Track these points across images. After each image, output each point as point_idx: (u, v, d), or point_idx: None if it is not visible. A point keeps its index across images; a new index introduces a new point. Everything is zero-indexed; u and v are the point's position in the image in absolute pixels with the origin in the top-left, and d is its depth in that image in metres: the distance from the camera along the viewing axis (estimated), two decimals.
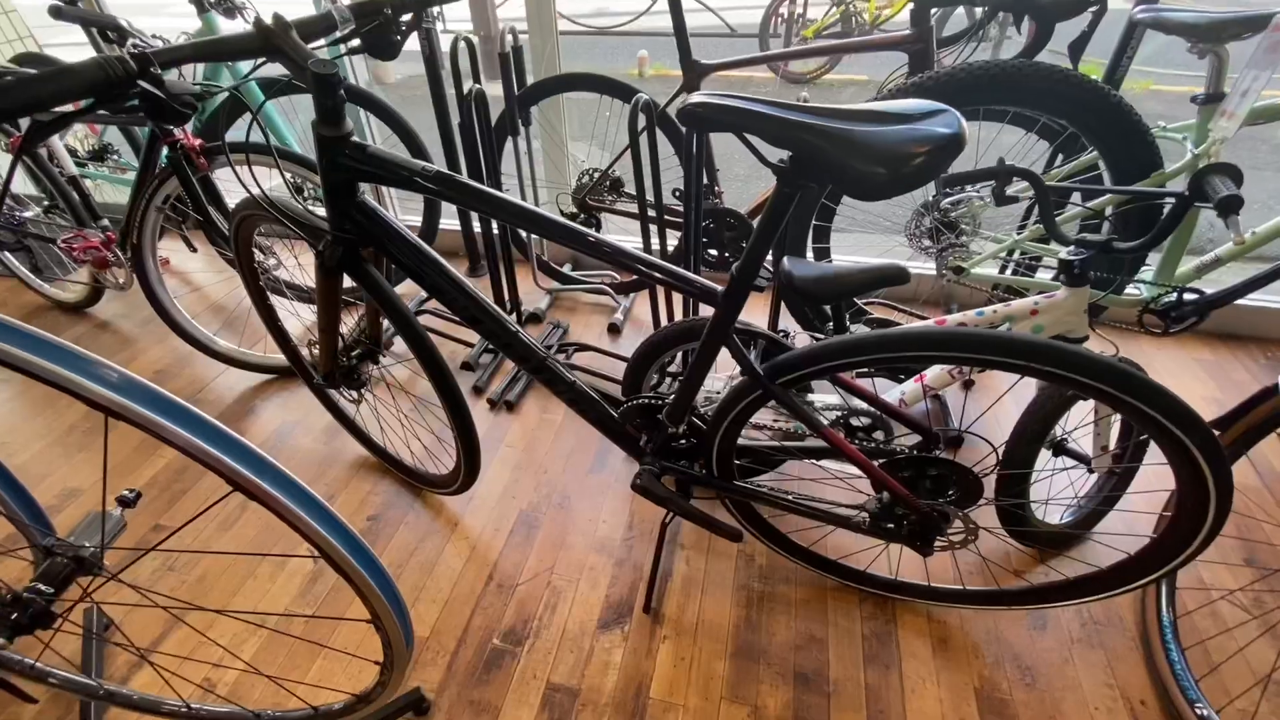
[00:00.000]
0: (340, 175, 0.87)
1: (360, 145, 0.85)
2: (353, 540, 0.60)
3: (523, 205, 0.87)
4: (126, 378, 0.48)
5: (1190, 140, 1.23)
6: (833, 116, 0.63)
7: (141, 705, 0.93)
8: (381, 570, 0.64)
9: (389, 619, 0.66)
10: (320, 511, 0.56)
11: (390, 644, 0.70)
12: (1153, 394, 0.74)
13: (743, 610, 1.26)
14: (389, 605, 0.64)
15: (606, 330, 2.03)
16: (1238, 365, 1.81)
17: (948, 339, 0.77)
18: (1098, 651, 1.17)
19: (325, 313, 1.10)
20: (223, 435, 0.50)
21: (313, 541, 0.56)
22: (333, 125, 0.82)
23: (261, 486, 0.50)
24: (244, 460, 0.50)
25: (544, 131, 2.13)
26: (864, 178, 0.61)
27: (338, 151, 0.84)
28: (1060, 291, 1.12)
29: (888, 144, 0.60)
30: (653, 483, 1.12)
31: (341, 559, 0.58)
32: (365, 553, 0.61)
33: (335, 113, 0.81)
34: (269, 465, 0.53)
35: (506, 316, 1.03)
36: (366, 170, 0.85)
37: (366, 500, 1.51)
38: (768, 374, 0.91)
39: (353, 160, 0.85)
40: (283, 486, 0.52)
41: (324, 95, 0.79)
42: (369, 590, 0.62)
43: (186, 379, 1.90)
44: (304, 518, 0.54)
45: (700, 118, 0.66)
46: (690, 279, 0.86)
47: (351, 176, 0.88)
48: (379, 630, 0.68)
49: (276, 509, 0.53)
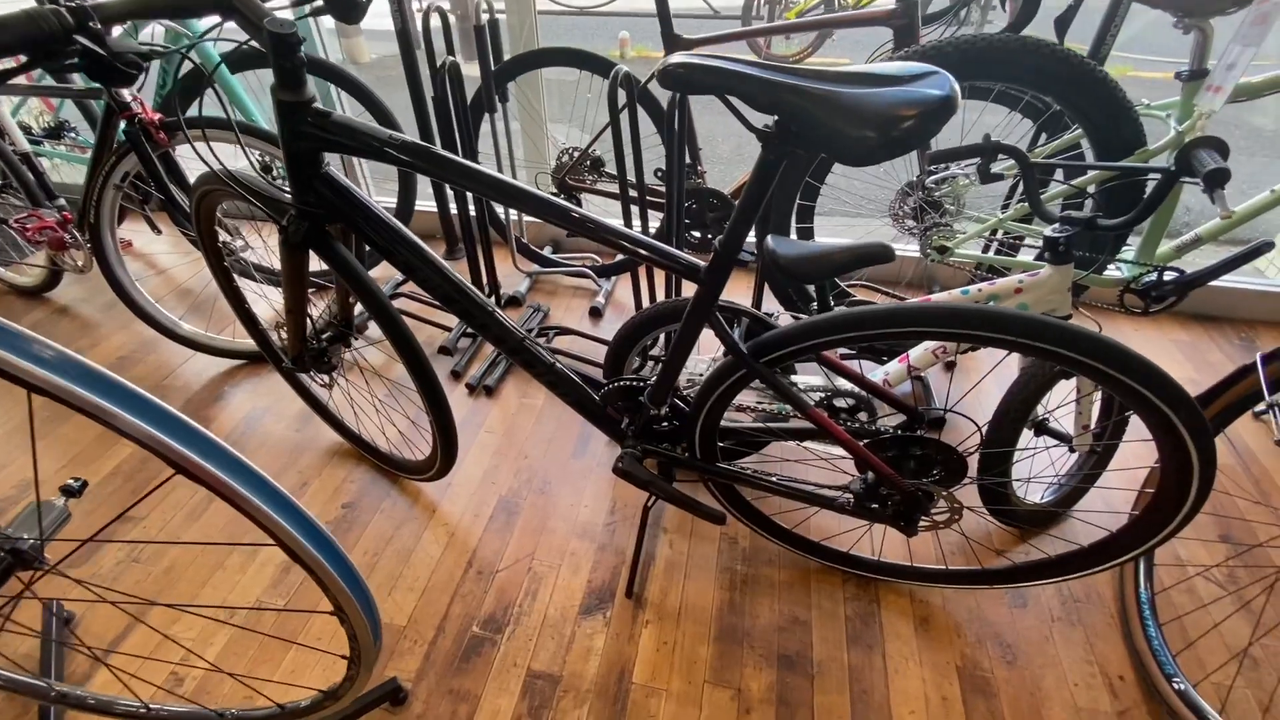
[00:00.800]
0: (302, 144, 0.83)
1: (323, 112, 0.80)
2: (309, 526, 0.56)
3: (497, 177, 0.83)
4: (60, 354, 0.44)
5: (1174, 117, 1.22)
6: (820, 79, 0.60)
7: (95, 707, 0.89)
8: (342, 558, 0.61)
9: (353, 610, 0.63)
10: (273, 496, 0.53)
11: (356, 637, 0.67)
12: (1141, 369, 0.73)
13: (726, 593, 1.24)
14: (353, 596, 0.61)
15: (588, 314, 2.00)
16: (1213, 346, 1.83)
17: (937, 314, 0.75)
18: (1077, 629, 1.18)
19: (292, 292, 1.06)
20: (164, 415, 0.47)
21: (266, 528, 0.53)
22: (292, 90, 0.77)
23: (207, 469, 0.47)
24: (188, 441, 0.46)
25: (522, 110, 2.08)
26: (853, 142, 0.58)
27: (299, 119, 0.80)
28: (1044, 270, 1.11)
29: (877, 107, 0.57)
30: (635, 466, 1.10)
31: (298, 546, 0.55)
32: (324, 540, 0.58)
33: (295, 76, 0.76)
34: (216, 447, 0.49)
35: (483, 296, 1.00)
36: (330, 139, 0.81)
37: (341, 488, 1.47)
38: (752, 352, 0.89)
39: (315, 128, 0.80)
40: (231, 469, 0.49)
41: (282, 57, 0.74)
42: (329, 580, 0.59)
43: (151, 365, 1.83)
44: (255, 503, 0.50)
45: (681, 79, 0.63)
46: (673, 254, 0.83)
47: (315, 146, 0.83)
48: (344, 623, 0.65)
49: (225, 494, 0.49)
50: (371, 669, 0.76)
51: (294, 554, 0.55)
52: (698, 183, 1.79)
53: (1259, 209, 1.25)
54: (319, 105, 0.81)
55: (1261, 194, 1.27)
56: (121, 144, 1.52)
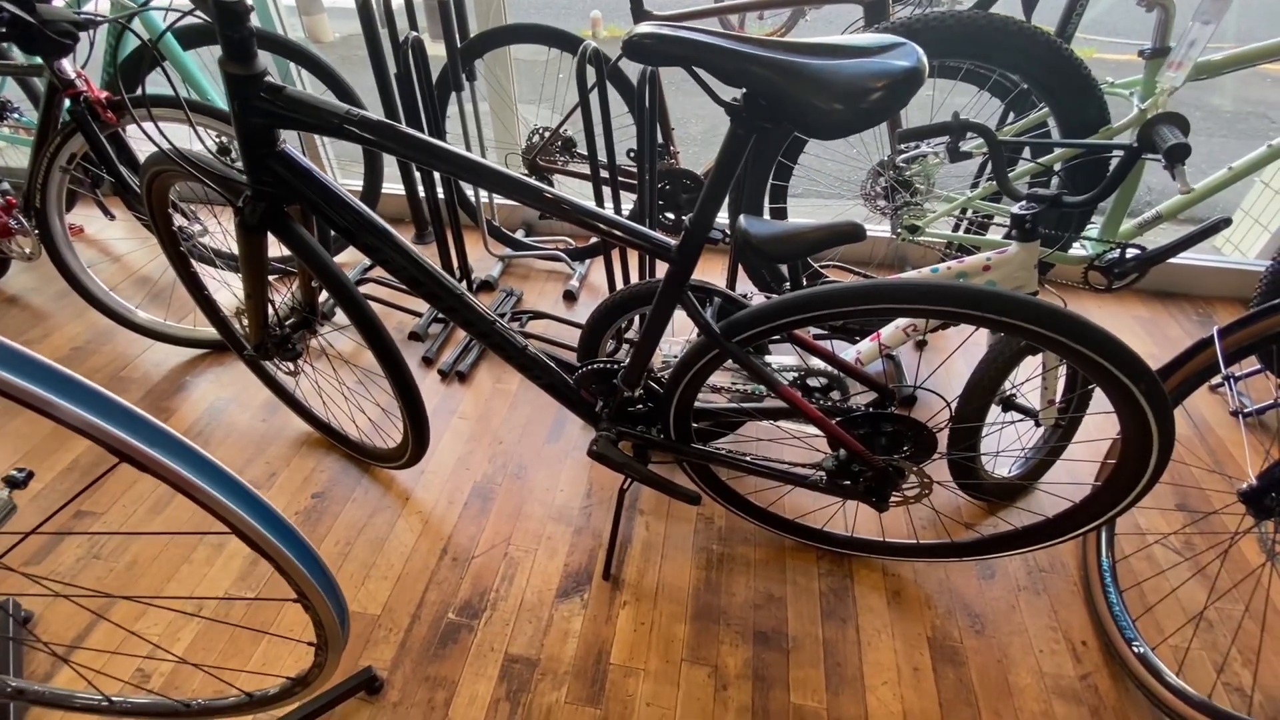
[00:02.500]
0: (255, 121, 0.79)
1: (276, 86, 0.77)
2: (264, 511, 0.55)
3: (462, 153, 0.81)
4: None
5: (1137, 95, 1.24)
6: (788, 50, 0.59)
7: (53, 701, 0.86)
8: (302, 543, 0.59)
9: (316, 596, 0.61)
10: (225, 482, 0.51)
11: (321, 623, 0.66)
12: (1103, 342, 0.74)
13: (702, 572, 1.25)
14: (314, 581, 0.60)
15: (562, 297, 1.98)
16: (1172, 322, 1.89)
17: (907, 291, 0.75)
18: (1042, 597, 1.21)
19: (250, 277, 1.02)
20: (106, 401, 0.44)
21: (220, 516, 0.51)
22: (242, 63, 0.74)
23: (153, 456, 0.45)
24: (131, 428, 0.44)
25: (491, 89, 2.03)
26: (821, 114, 0.58)
27: (250, 94, 0.76)
28: (1011, 247, 1.13)
29: (846, 78, 0.56)
30: (609, 448, 1.09)
31: (254, 533, 0.53)
32: (280, 525, 0.56)
33: (244, 48, 0.73)
34: (162, 433, 0.47)
35: (450, 278, 0.98)
36: (284, 115, 0.78)
37: (311, 478, 1.44)
38: (724, 332, 0.88)
39: (267, 103, 0.77)
40: (179, 456, 0.47)
41: (229, 27, 0.71)
42: (289, 566, 0.57)
43: (108, 355, 1.76)
44: (206, 489, 0.48)
45: (646, 49, 0.61)
46: (644, 233, 0.82)
47: (268, 123, 0.80)
48: (308, 610, 0.64)
49: (173, 481, 0.47)
50: (340, 654, 0.74)
51: (251, 541, 0.54)
52: (671, 163, 1.78)
53: (1217, 186, 1.28)
54: (271, 79, 0.77)
55: (1220, 172, 1.30)
56: (67, 124, 1.45)
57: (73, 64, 1.39)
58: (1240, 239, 2.08)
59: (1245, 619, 1.17)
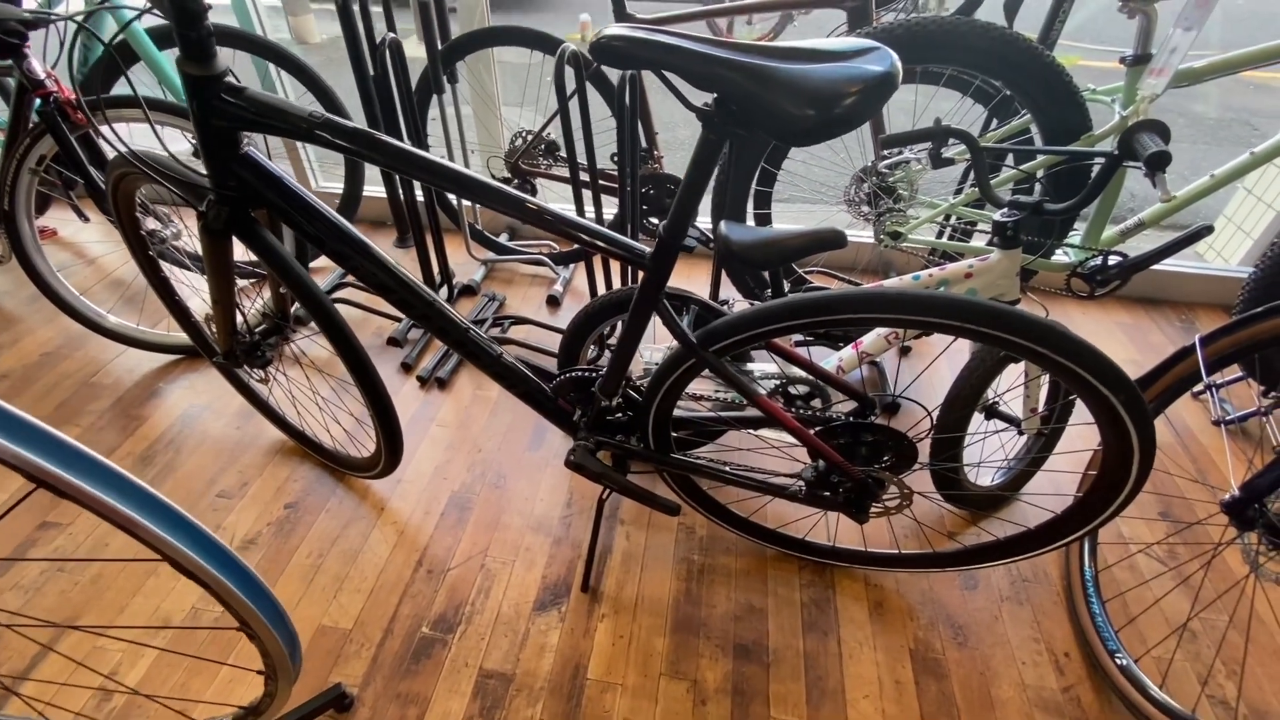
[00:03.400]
0: (216, 122, 0.77)
1: (236, 87, 0.75)
2: (198, 537, 0.51)
3: (427, 157, 0.79)
4: None
5: (1118, 102, 1.23)
6: (760, 54, 0.57)
7: None
8: (240, 568, 0.56)
9: (259, 624, 0.58)
10: (151, 506, 0.47)
11: (267, 651, 0.63)
12: (1082, 352, 0.73)
13: (683, 584, 1.23)
14: (257, 609, 0.57)
15: (545, 302, 1.95)
16: (1154, 328, 1.89)
17: (884, 300, 0.74)
18: (1025, 608, 1.20)
19: (217, 283, 0.99)
20: (14, 421, 0.41)
21: (145, 541, 0.47)
22: (199, 62, 0.71)
23: (67, 480, 0.41)
24: (41, 449, 0.40)
25: (474, 92, 2.01)
26: (794, 120, 0.56)
27: (209, 94, 0.74)
28: (993, 254, 1.12)
29: (818, 83, 0.55)
30: (587, 458, 1.07)
31: (187, 560, 0.50)
32: (217, 551, 0.53)
33: (201, 47, 0.71)
34: (79, 455, 0.43)
35: (422, 285, 0.95)
36: (245, 116, 0.75)
37: (284, 487, 1.40)
38: (701, 341, 0.87)
39: (228, 105, 0.75)
40: (96, 479, 0.43)
41: (185, 25, 0.68)
42: (227, 593, 0.54)
43: (79, 361, 1.72)
44: (126, 513, 0.45)
45: (615, 52, 0.60)
46: (617, 239, 0.80)
47: (230, 124, 0.77)
48: (251, 638, 0.61)
49: (92, 506, 0.43)
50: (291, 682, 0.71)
51: (184, 569, 0.50)
52: (654, 167, 1.76)
53: (1199, 194, 1.28)
54: (232, 79, 0.75)
55: (1201, 179, 1.30)
56: (36, 125, 1.42)
57: (42, 64, 1.36)
58: (1223, 246, 2.08)
59: (1229, 630, 1.16)
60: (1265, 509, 0.92)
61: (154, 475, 1.42)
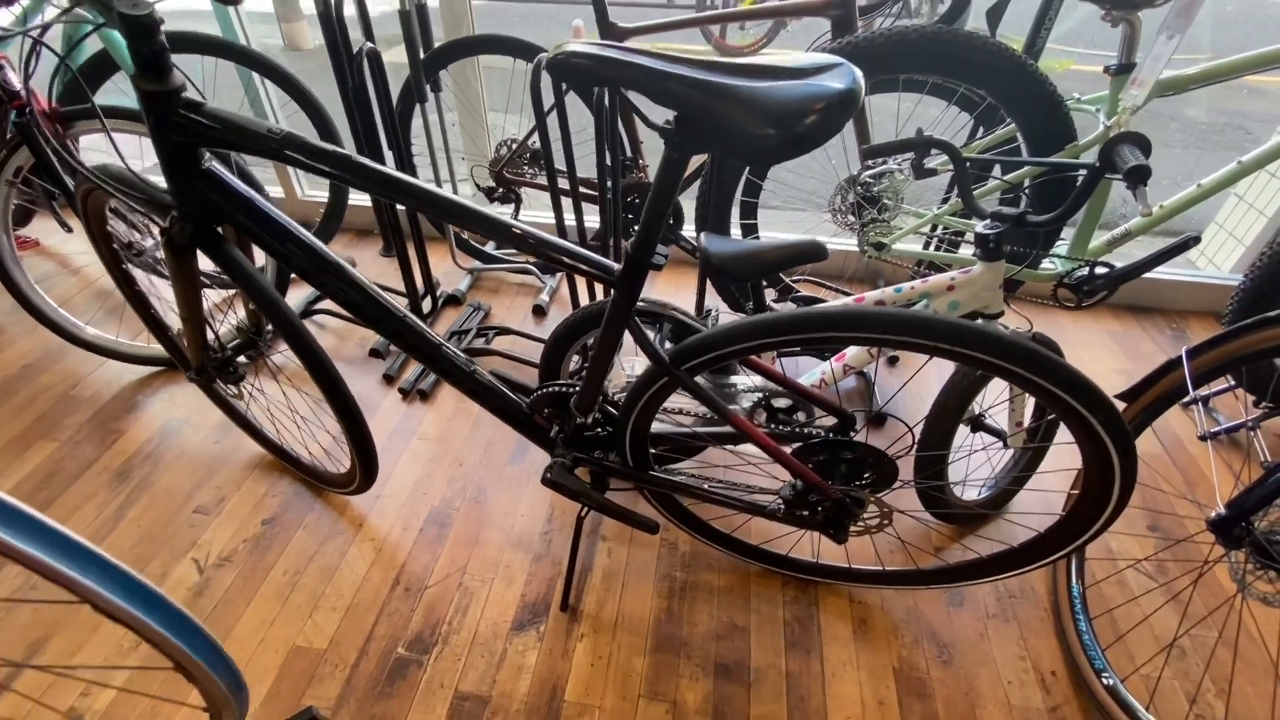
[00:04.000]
0: (174, 139, 0.75)
1: (194, 103, 0.73)
2: (114, 574, 0.48)
3: (390, 173, 0.77)
4: None
5: (1102, 111, 1.22)
6: (719, 70, 0.56)
7: None
8: (167, 606, 0.53)
9: (192, 663, 0.56)
10: (57, 543, 0.44)
11: (208, 691, 0.61)
12: (1059, 372, 0.71)
13: (664, 601, 1.21)
14: (187, 648, 0.54)
15: (531, 312, 1.94)
16: (1145, 337, 1.87)
17: (853, 319, 0.72)
18: (1012, 625, 1.18)
19: (184, 298, 0.97)
20: None
21: (58, 582, 0.44)
22: (155, 78, 0.70)
23: None
24: None
25: (459, 100, 1.99)
26: (754, 139, 0.54)
27: (166, 110, 0.72)
28: (976, 266, 1.10)
29: (778, 101, 0.53)
30: (564, 476, 1.05)
31: (104, 602, 0.47)
32: (136, 588, 0.50)
33: (157, 63, 0.69)
34: None
35: (391, 301, 0.93)
36: (202, 132, 0.73)
37: (262, 502, 1.38)
38: (674, 358, 0.85)
39: (185, 121, 0.73)
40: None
41: (139, 41, 0.67)
42: (152, 634, 0.51)
43: (58, 373, 1.70)
44: (27, 552, 0.41)
45: (571, 69, 0.58)
46: (584, 255, 0.78)
47: (188, 141, 0.76)
48: (189, 678, 0.59)
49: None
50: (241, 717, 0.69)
51: (104, 611, 0.48)
52: (639, 176, 1.74)
53: (1186, 204, 1.26)
54: (190, 95, 0.73)
55: (1188, 189, 1.28)
56: (13, 136, 1.40)
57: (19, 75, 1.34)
58: (1214, 253, 2.07)
59: (1219, 646, 1.14)
60: (1251, 528, 0.90)
61: (130, 490, 1.40)
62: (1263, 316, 0.93)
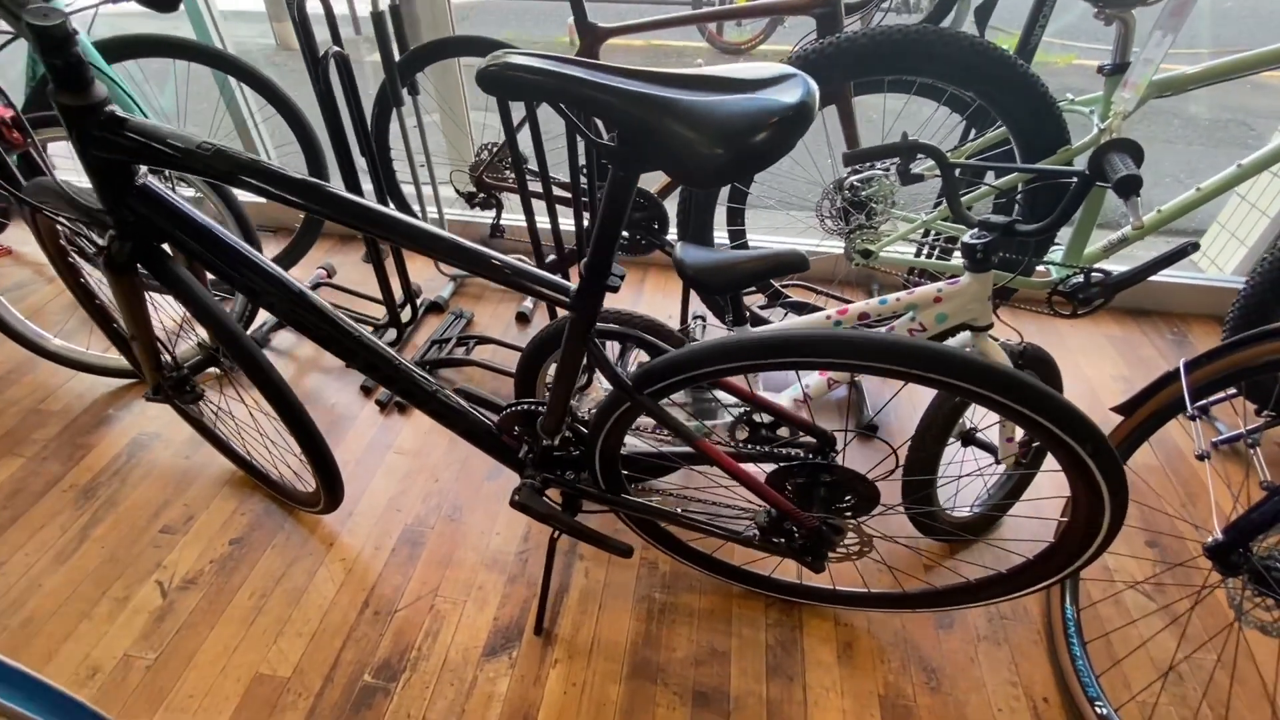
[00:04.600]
0: (100, 154, 0.71)
1: (117, 118, 0.68)
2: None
3: (332, 191, 0.72)
4: None
5: (1096, 114, 1.17)
6: (661, 83, 0.51)
7: None
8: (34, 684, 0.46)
9: None
10: None
11: None
12: (1043, 401, 0.67)
13: (642, 624, 1.17)
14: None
15: (515, 319, 1.89)
16: (1145, 342, 1.82)
17: (822, 343, 0.67)
18: (1003, 649, 1.14)
19: (131, 318, 0.93)
20: None
21: None
22: (72, 92, 0.65)
23: None
24: None
25: (439, 103, 1.95)
26: (700, 159, 0.50)
27: (86, 125, 0.68)
28: (964, 277, 1.05)
29: (724, 117, 0.48)
30: (532, 498, 1.01)
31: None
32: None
33: (73, 76, 0.64)
34: None
35: (343, 318, 0.89)
36: (127, 147, 0.69)
37: (231, 521, 1.34)
38: (638, 382, 0.80)
39: (109, 136, 0.68)
40: None
41: (51, 54, 0.62)
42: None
43: (27, 386, 1.67)
44: None
45: (498, 80, 0.53)
46: (537, 276, 0.74)
47: (116, 157, 0.71)
48: None
49: None
50: None
51: None
52: None
53: (1184, 208, 1.21)
54: (114, 109, 0.69)
55: (1187, 193, 1.23)
56: None
57: None
58: (1216, 254, 2.02)
59: (1217, 669, 1.10)
60: (1250, 554, 0.85)
61: (96, 508, 1.36)
62: (1263, 329, 0.88)
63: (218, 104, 2.02)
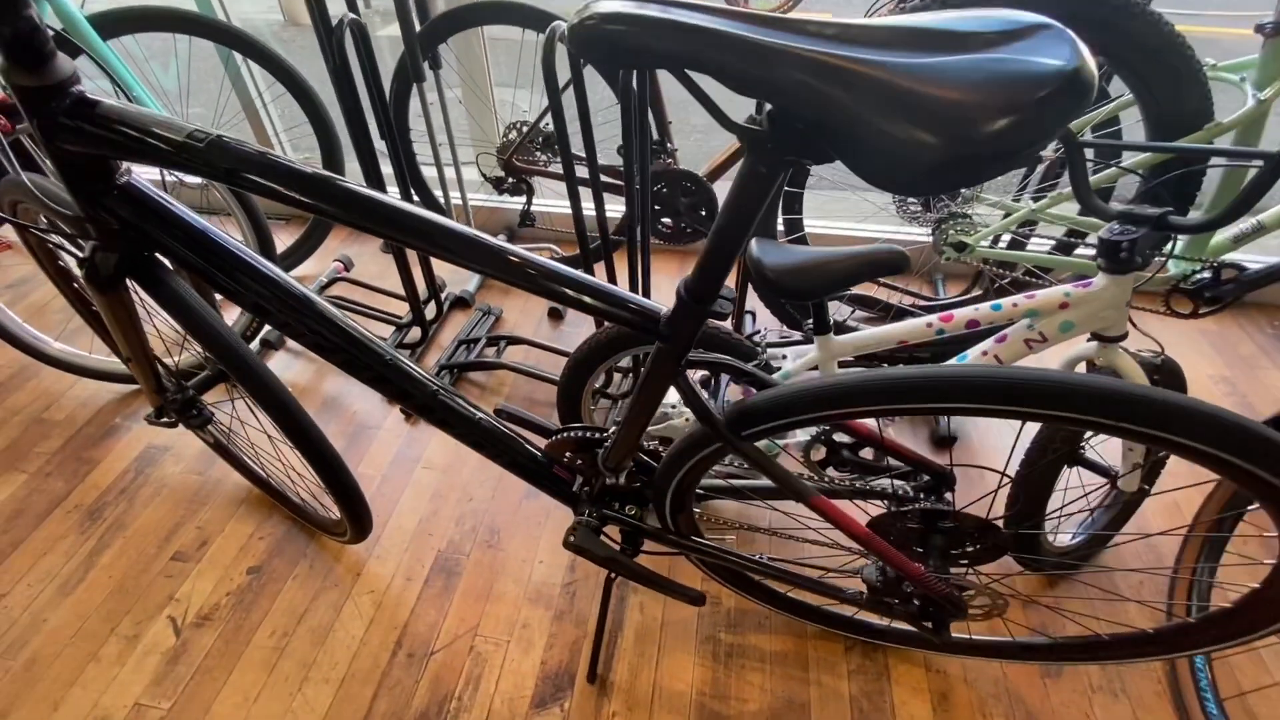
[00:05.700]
0: (68, 146, 0.56)
1: (87, 101, 0.54)
2: None
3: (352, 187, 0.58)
4: None
5: (1250, 81, 0.99)
6: (846, 41, 0.34)
7: None
8: None
9: None
10: None
11: None
12: (1264, 448, 0.51)
13: (708, 670, 1.04)
14: None
15: (547, 315, 1.75)
16: (1244, 337, 1.64)
17: (1001, 388, 0.52)
18: (1121, 702, 1.00)
19: (123, 339, 0.79)
20: None
21: None
22: (28, 69, 0.51)
23: None
24: None
25: (463, 78, 1.78)
26: (903, 153, 0.33)
27: (48, 111, 0.53)
28: (1098, 279, 0.89)
29: (957, 88, 0.32)
30: (590, 540, 0.87)
31: None
32: None
33: (25, 48, 0.50)
34: None
35: (375, 339, 0.75)
36: (100, 138, 0.54)
37: (249, 546, 1.22)
38: (731, 423, 0.66)
39: (77, 123, 0.54)
40: None
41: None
42: None
43: (31, 393, 1.55)
44: None
45: (608, 43, 0.38)
46: (623, 300, 0.59)
47: (85, 149, 0.57)
48: None
49: None
50: None
51: None
52: (667, 162, 1.53)
53: None
54: (82, 91, 0.54)
55: None
56: None
57: None
58: None
59: None
60: None
61: (103, 532, 1.25)
62: None
63: (223, 82, 1.87)
